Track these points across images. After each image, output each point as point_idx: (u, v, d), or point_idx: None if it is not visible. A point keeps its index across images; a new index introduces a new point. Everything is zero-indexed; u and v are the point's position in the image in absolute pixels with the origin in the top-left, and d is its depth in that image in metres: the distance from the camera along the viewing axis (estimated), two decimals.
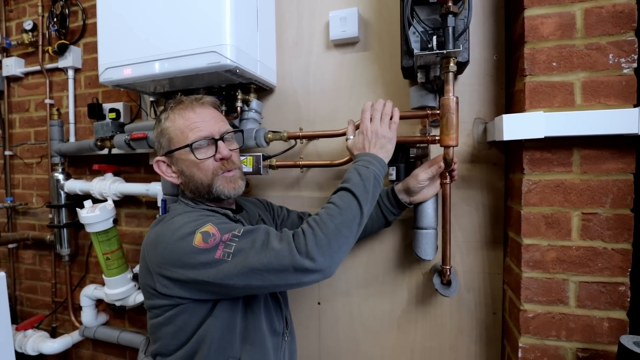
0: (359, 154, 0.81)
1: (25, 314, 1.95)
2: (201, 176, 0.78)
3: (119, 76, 1.07)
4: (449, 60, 0.81)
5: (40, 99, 1.81)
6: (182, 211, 0.76)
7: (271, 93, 1.25)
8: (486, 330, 1.05)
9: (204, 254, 0.65)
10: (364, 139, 0.82)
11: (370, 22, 1.13)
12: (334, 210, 0.70)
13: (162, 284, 0.69)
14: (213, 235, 0.66)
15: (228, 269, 0.64)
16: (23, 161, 1.89)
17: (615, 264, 0.80)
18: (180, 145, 0.78)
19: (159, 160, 0.83)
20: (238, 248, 0.65)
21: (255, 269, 0.63)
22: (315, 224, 0.67)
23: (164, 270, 0.68)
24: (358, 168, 0.77)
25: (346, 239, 0.68)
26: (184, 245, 0.66)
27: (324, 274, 0.66)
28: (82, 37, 1.69)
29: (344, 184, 0.75)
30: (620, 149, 0.79)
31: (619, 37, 0.78)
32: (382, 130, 0.82)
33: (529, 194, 0.84)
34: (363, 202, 0.71)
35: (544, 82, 0.82)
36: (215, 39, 0.95)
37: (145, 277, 0.73)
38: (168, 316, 0.71)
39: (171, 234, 0.69)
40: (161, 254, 0.68)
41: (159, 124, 0.82)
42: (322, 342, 1.23)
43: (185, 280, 0.66)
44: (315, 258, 0.63)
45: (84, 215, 1.34)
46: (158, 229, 0.73)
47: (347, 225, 0.68)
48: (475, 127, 1.03)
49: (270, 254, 0.63)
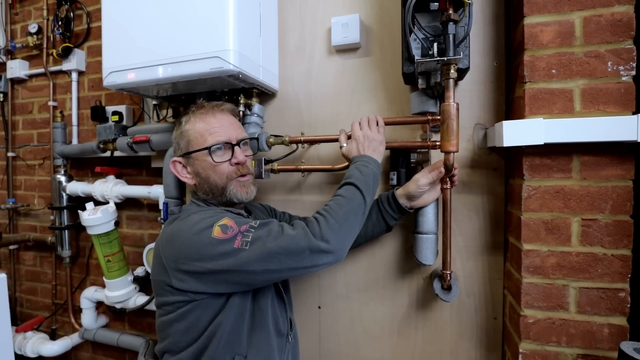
0: (356, 157, 0.89)
1: (26, 316, 1.95)
2: (216, 179, 0.82)
3: (123, 80, 1.08)
4: (450, 66, 0.82)
5: (43, 101, 1.83)
6: (196, 210, 0.79)
7: (273, 97, 1.26)
8: (486, 335, 1.05)
9: (222, 245, 0.68)
10: (357, 144, 0.91)
11: (372, 29, 1.14)
12: (342, 200, 0.77)
13: (178, 279, 0.71)
14: (231, 227, 0.70)
15: (247, 255, 0.67)
16: (25, 163, 1.90)
17: (615, 269, 0.80)
18: (199, 147, 0.82)
19: (175, 161, 0.87)
20: (255, 236, 0.69)
21: (273, 253, 0.67)
22: (326, 212, 0.74)
23: (180, 264, 0.70)
24: (358, 167, 0.85)
25: (353, 225, 0.75)
26: (202, 238, 0.69)
27: (336, 256, 0.71)
28: (86, 40, 1.71)
29: (346, 179, 0.82)
30: (619, 155, 0.79)
31: (618, 45, 0.79)
32: (372, 134, 0.91)
33: (529, 200, 0.85)
34: (366, 193, 0.79)
35: (544, 89, 0.83)
36: (219, 44, 0.96)
37: (159, 273, 0.75)
38: (180, 312, 0.73)
39: (188, 229, 0.72)
40: (178, 248, 0.71)
41: (180, 126, 0.86)
42: (323, 346, 1.23)
43: (203, 272, 0.69)
44: (329, 240, 0.69)
45: (85, 217, 1.35)
46: (174, 226, 0.76)
47: (354, 213, 0.76)
48: (476, 132, 1.04)
49: (287, 238, 0.68)
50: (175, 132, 0.88)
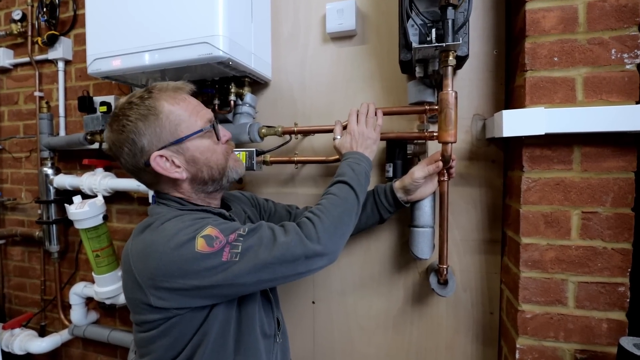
0: (347, 152, 0.86)
1: (14, 312, 1.91)
2: (217, 160, 0.74)
3: (108, 67, 1.04)
4: (448, 53, 0.79)
5: (29, 92, 1.77)
6: (170, 216, 0.67)
7: (266, 87, 1.22)
8: (483, 330, 1.03)
9: (209, 259, 0.61)
10: (351, 139, 0.88)
11: (368, 15, 1.11)
12: (336, 199, 0.74)
13: (158, 297, 0.63)
14: (217, 237, 0.62)
15: (238, 268, 0.62)
16: (12, 155, 1.84)
17: (615, 264, 0.78)
18: (195, 129, 0.70)
19: (157, 156, 0.69)
20: (246, 247, 0.63)
21: (267, 264, 0.63)
22: (320, 212, 0.71)
23: (159, 282, 0.62)
24: (350, 164, 0.82)
25: (347, 226, 0.73)
26: (184, 253, 0.61)
27: (330, 258, 0.68)
28: (73, 28, 1.64)
29: (339, 177, 0.79)
30: (621, 146, 0.77)
31: (622, 31, 0.76)
32: (367, 131, 0.88)
33: (528, 192, 0.83)
34: (359, 193, 0.77)
35: (545, 77, 0.80)
36: (207, 29, 0.92)
37: (132, 290, 0.66)
38: (162, 330, 0.66)
39: (165, 242, 0.62)
40: (155, 264, 0.62)
41: (152, 112, 0.68)
42: (317, 342, 1.21)
43: (187, 288, 0.62)
44: (325, 243, 0.66)
45: (72, 211, 1.31)
46: (146, 238, 0.65)
47: (348, 213, 0.73)
48: (474, 123, 1.01)
49: (282, 247, 0.64)
50: (143, 123, 0.68)
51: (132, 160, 0.71)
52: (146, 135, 0.68)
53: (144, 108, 0.69)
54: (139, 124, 0.68)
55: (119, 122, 0.70)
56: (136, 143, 0.69)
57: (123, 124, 0.69)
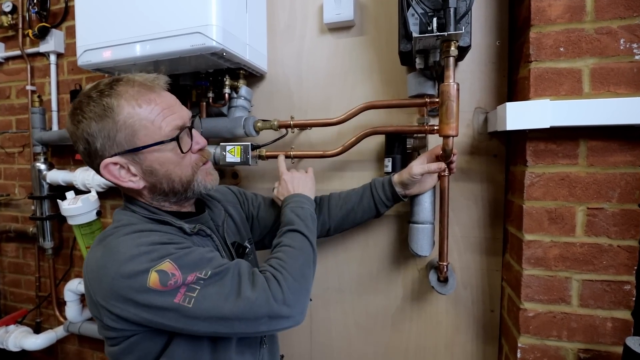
0: (288, 197, 0.85)
1: (9, 309, 1.89)
2: (180, 173, 0.65)
3: (98, 59, 1.01)
4: (450, 43, 0.76)
5: (21, 86, 1.73)
6: (129, 230, 0.61)
7: (261, 79, 1.19)
8: (483, 328, 1.01)
9: (160, 297, 0.55)
10: (286, 184, 0.88)
11: (367, 5, 1.07)
12: (292, 252, 0.69)
13: (111, 319, 0.58)
14: (173, 275, 0.55)
15: (191, 313, 0.56)
16: (4, 150, 1.81)
17: (621, 261, 0.76)
18: (155, 139, 0.61)
19: (110, 163, 0.61)
20: (203, 294, 0.56)
21: (224, 318, 0.57)
22: (282, 268, 0.64)
23: (111, 306, 0.57)
24: (294, 209, 0.79)
25: (309, 279, 0.68)
26: (134, 285, 0.55)
27: (296, 320, 0.62)
28: (65, 20, 1.60)
29: (288, 226, 0.75)
30: (629, 140, 0.74)
31: (632, 20, 0.73)
32: (299, 174, 0.91)
33: (532, 188, 0.80)
34: (312, 240, 0.73)
35: (551, 68, 0.77)
36: (200, 19, 0.89)
37: (90, 305, 0.61)
38: (126, 346, 0.61)
39: (117, 268, 0.56)
40: (106, 288, 0.57)
41: (108, 113, 0.60)
42: (314, 340, 1.19)
43: (138, 320, 0.57)
44: (291, 305, 0.61)
45: (65, 207, 1.28)
46: (99, 258, 0.59)
47: (308, 265, 0.68)
48: (476, 117, 0.98)
49: (245, 304, 0.57)
50: (97, 124, 0.60)
51: (87, 159, 0.65)
52: (99, 139, 0.61)
53: (100, 106, 0.60)
54: (92, 125, 0.60)
55: (75, 116, 0.62)
56: (89, 144, 0.62)
57: (78, 119, 0.62)
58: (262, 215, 0.93)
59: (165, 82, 0.67)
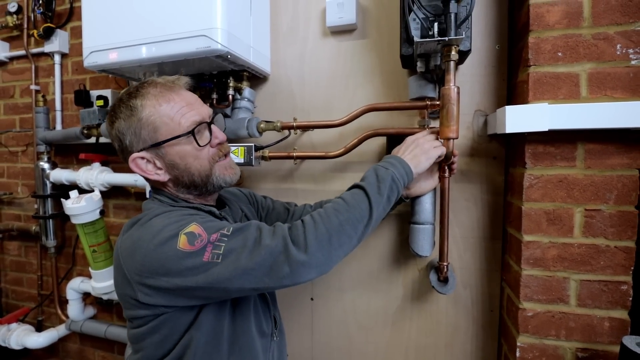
0: (388, 156, 0.78)
1: (11, 307, 1.90)
2: (199, 167, 0.70)
3: (104, 60, 1.02)
4: (451, 48, 0.78)
5: (25, 85, 1.74)
6: (159, 211, 0.67)
7: (265, 81, 1.20)
8: (483, 328, 1.03)
9: (190, 258, 0.59)
10: (402, 145, 0.81)
11: (369, 9, 1.09)
12: (342, 206, 0.66)
13: (145, 293, 0.62)
14: (199, 235, 0.60)
15: (219, 271, 0.58)
16: (8, 149, 1.82)
17: (618, 262, 0.77)
18: (174, 133, 0.67)
19: (137, 157, 0.68)
20: (228, 248, 0.59)
21: (248, 270, 0.58)
22: (319, 216, 0.64)
23: (145, 279, 0.61)
24: (377, 168, 0.73)
25: (349, 238, 0.64)
26: (166, 250, 0.59)
27: (319, 271, 0.62)
28: (70, 20, 1.62)
29: (359, 181, 0.72)
30: (626, 143, 0.76)
31: (628, 26, 0.75)
32: (422, 140, 0.80)
33: (531, 189, 0.81)
34: (374, 204, 0.67)
35: (549, 72, 0.79)
36: (206, 22, 0.90)
37: (123, 286, 0.65)
38: (152, 326, 0.65)
39: (151, 239, 0.61)
40: (141, 261, 0.61)
41: (134, 113, 0.67)
42: (315, 339, 1.20)
43: (171, 288, 0.60)
44: (311, 252, 0.60)
45: (69, 206, 1.30)
46: (134, 234, 0.64)
47: (352, 224, 0.64)
48: (476, 119, 1.00)
49: (264, 251, 0.59)
50: (126, 122, 0.68)
51: (122, 156, 0.72)
52: (128, 136, 0.68)
53: (128, 107, 0.68)
54: (122, 124, 0.68)
55: (110, 117, 0.71)
56: (121, 141, 0.69)
57: (112, 120, 0.70)
58: (270, 218, 0.96)
59: (186, 82, 0.73)
